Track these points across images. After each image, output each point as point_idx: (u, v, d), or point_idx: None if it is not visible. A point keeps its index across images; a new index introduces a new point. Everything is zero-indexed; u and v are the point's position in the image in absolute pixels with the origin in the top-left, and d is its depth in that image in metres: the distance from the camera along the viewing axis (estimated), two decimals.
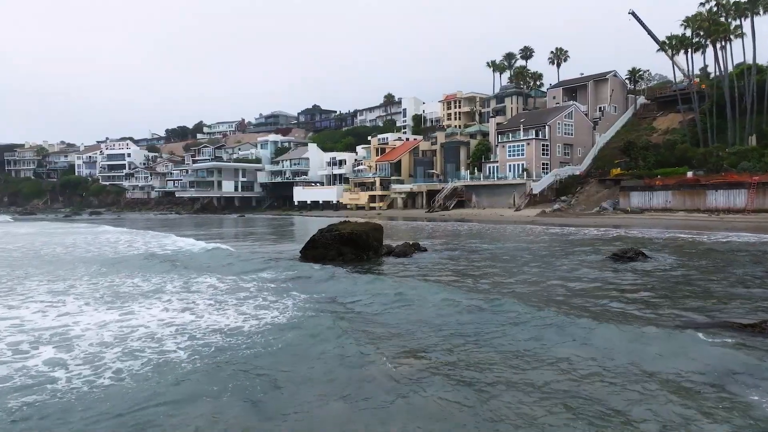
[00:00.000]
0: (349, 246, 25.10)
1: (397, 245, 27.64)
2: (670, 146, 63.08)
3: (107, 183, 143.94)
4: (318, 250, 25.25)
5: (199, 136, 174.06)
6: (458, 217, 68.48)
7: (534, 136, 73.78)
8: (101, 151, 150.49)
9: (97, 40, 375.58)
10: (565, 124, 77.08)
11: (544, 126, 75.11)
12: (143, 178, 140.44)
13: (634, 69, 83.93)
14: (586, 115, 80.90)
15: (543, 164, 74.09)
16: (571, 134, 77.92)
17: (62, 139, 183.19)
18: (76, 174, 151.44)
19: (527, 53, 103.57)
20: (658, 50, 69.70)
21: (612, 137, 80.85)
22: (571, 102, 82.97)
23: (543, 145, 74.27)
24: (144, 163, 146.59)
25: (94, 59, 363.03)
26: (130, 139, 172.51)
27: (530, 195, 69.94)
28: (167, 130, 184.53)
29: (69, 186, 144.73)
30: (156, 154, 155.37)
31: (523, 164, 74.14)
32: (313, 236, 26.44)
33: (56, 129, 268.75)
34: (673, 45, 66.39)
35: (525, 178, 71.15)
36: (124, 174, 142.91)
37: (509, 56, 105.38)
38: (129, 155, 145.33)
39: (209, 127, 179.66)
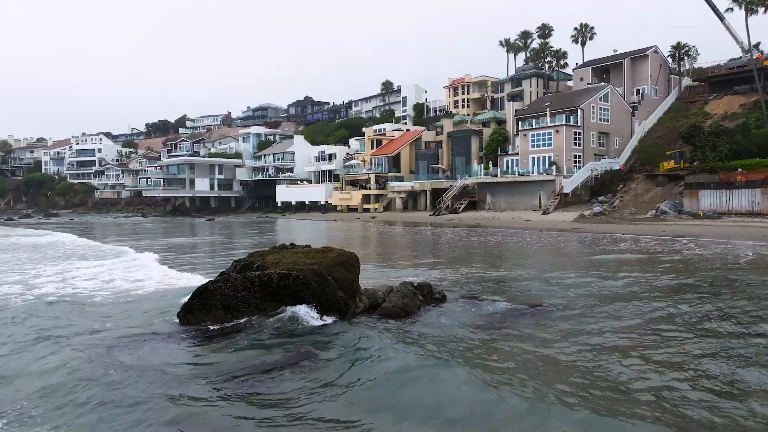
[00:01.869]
0: (283, 300, 11.53)
1: (388, 291, 14.09)
2: (745, 132, 49.25)
3: (75, 181, 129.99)
4: (215, 313, 11.54)
5: (181, 130, 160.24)
6: (471, 221, 54.77)
7: (564, 122, 59.92)
8: (70, 147, 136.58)
9: (84, 32, 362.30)
10: (601, 108, 63.26)
11: (576, 110, 61.29)
12: (114, 175, 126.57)
13: (678, 44, 70.09)
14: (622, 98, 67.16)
15: (575, 156, 60.31)
16: (607, 120, 64.13)
17: (41, 135, 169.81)
18: (43, 171, 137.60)
19: (545, 31, 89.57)
20: (727, 9, 55.61)
21: (654, 125, 67.19)
22: (604, 84, 69.22)
23: (575, 133, 60.48)
24: (117, 160, 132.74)
25: (79, 52, 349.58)
26: (108, 134, 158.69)
27: (561, 194, 56.17)
28: (147, 125, 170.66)
29: (33, 185, 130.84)
30: (131, 149, 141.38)
31: (549, 156, 60.34)
32: (216, 279, 12.62)
33: (36, 125, 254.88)
34: (747, 1, 52.17)
35: (554, 173, 57.32)
36: (93, 171, 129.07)
37: (525, 35, 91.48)
38: (100, 150, 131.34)
39: (193, 121, 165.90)
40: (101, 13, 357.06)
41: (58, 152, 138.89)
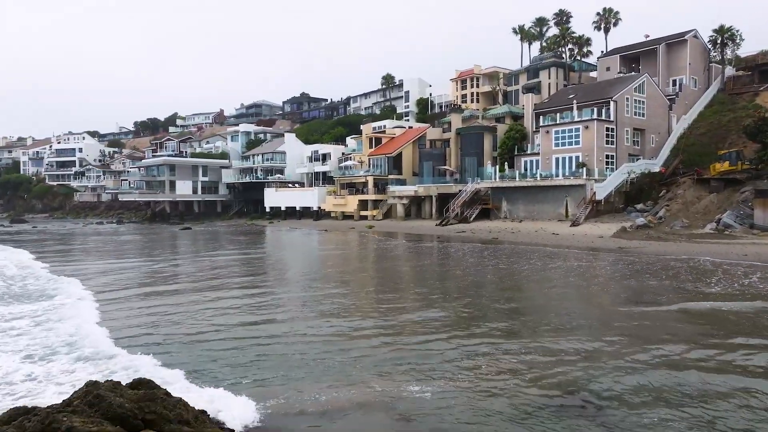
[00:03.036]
0: None
1: None
2: None
3: (55, 183, 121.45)
4: None
5: (171, 129, 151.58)
6: (486, 234, 45.90)
7: (595, 116, 50.99)
8: (50, 146, 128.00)
9: (81, 32, 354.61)
10: (636, 101, 54.33)
11: (608, 102, 52.35)
12: (95, 177, 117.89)
13: (722, 27, 60.96)
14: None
15: (607, 156, 51.42)
16: (643, 115, 55.21)
17: (31, 135, 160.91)
18: (22, 172, 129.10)
19: (563, 18, 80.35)
20: None
21: (695, 120, 58.23)
22: (637, 73, 60.22)
23: (607, 129, 51.56)
24: (99, 160, 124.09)
25: (75, 52, 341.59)
26: (95, 133, 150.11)
27: (592, 202, 47.22)
28: (136, 123, 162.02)
29: (10, 186, 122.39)
30: (115, 149, 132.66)
31: (577, 156, 51.45)
32: None
33: (28, 125, 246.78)
34: None
35: (584, 176, 48.35)
36: (73, 172, 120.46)
37: (540, 21, 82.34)
38: (81, 150, 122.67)
39: (183, 119, 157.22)
40: (99, 13, 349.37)
41: (37, 152, 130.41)
